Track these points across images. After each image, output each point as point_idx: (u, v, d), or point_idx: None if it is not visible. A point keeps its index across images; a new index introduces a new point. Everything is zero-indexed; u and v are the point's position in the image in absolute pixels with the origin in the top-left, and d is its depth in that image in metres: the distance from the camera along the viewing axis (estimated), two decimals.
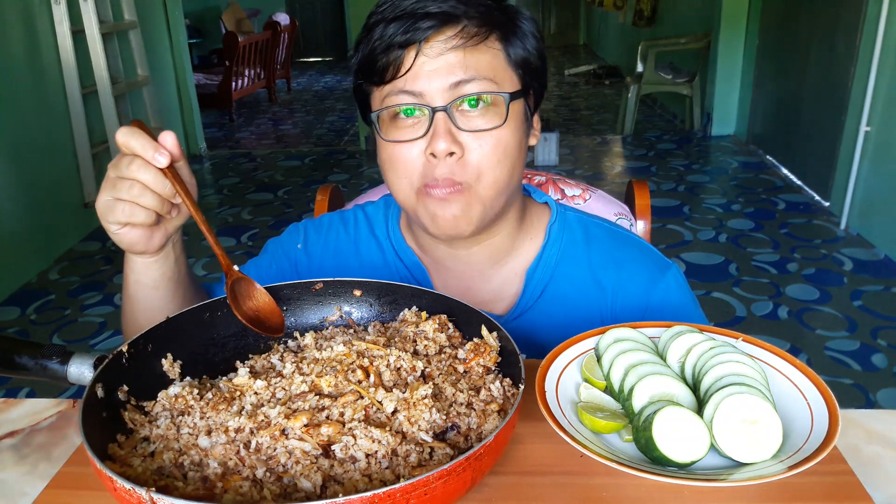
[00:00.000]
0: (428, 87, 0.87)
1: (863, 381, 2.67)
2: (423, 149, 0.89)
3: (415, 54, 0.87)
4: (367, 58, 0.90)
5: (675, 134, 6.32)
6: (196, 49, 8.87)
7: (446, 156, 0.87)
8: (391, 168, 0.92)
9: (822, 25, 4.48)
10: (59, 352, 0.78)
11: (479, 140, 0.89)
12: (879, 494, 0.69)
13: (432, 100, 0.87)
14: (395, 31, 0.87)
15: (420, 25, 0.86)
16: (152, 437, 0.69)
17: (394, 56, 0.87)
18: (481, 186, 0.91)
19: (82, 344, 3.22)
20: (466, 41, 0.87)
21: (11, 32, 3.91)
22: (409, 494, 0.56)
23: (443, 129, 0.87)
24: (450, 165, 0.88)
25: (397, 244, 1.09)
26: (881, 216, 3.76)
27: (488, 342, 0.79)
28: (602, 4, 9.06)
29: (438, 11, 0.87)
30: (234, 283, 0.84)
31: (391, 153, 0.91)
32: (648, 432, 0.67)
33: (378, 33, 0.88)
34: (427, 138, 0.88)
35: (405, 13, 0.87)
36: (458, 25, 0.87)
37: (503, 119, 0.89)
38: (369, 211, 1.14)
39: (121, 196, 0.79)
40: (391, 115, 0.91)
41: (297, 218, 5.07)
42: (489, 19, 0.89)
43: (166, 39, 5.79)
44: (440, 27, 0.87)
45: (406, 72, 0.87)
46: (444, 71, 0.87)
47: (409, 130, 0.90)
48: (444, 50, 0.87)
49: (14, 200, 3.85)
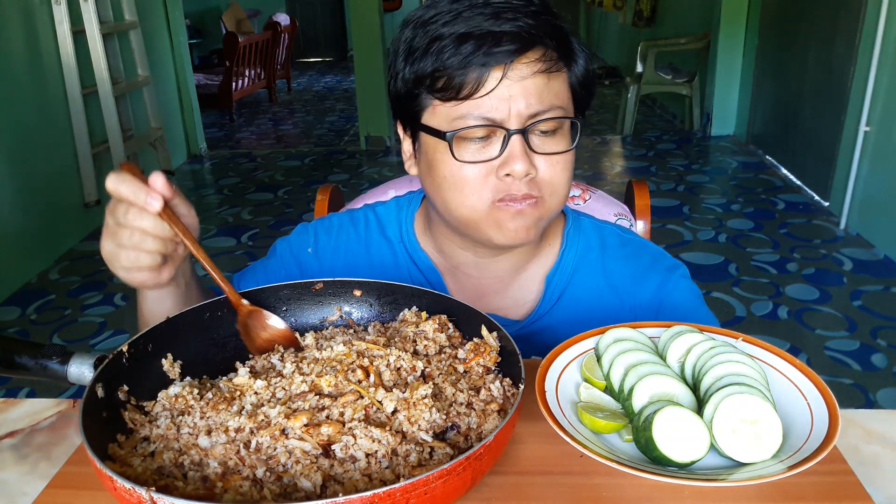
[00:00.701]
0: (507, 111, 0.86)
1: (863, 381, 2.67)
2: (494, 169, 0.89)
3: (500, 77, 0.85)
4: (439, 72, 0.86)
5: (674, 134, 6.32)
6: (196, 49, 8.87)
7: (523, 176, 0.88)
8: (457, 186, 0.90)
9: (822, 25, 4.48)
10: (59, 352, 0.78)
11: (549, 161, 0.90)
12: (879, 494, 0.69)
13: (509, 123, 0.87)
14: (474, 49, 0.84)
15: (505, 47, 0.84)
16: (152, 436, 0.69)
17: (474, 75, 0.85)
18: (553, 200, 0.93)
19: (82, 344, 3.22)
20: (549, 67, 0.87)
21: (12, 32, 3.91)
22: (409, 494, 0.56)
23: (520, 151, 0.87)
24: (525, 184, 0.89)
25: (411, 247, 1.08)
26: (881, 216, 3.76)
27: (488, 342, 0.79)
28: (602, 5, 9.06)
29: (517, 32, 0.85)
30: (247, 318, 0.84)
31: (458, 172, 0.89)
32: (648, 432, 0.67)
33: (450, 49, 0.85)
34: (501, 159, 0.88)
35: (481, 30, 0.84)
36: (540, 49, 0.87)
37: (571, 143, 0.92)
38: (380, 212, 1.13)
39: (122, 244, 0.79)
40: (461, 136, 0.89)
41: (298, 218, 5.01)
42: (561, 42, 0.89)
43: (167, 39, 5.79)
44: (524, 51, 0.85)
45: (486, 93, 0.86)
46: (524, 96, 0.86)
47: (480, 150, 0.89)
48: (527, 74, 0.86)
49: (14, 200, 3.85)
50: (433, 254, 1.08)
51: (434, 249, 1.08)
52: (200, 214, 0.85)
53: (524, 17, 0.86)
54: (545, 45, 0.87)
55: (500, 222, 0.91)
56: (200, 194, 5.40)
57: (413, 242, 1.08)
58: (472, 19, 0.85)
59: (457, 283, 1.07)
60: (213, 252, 4.15)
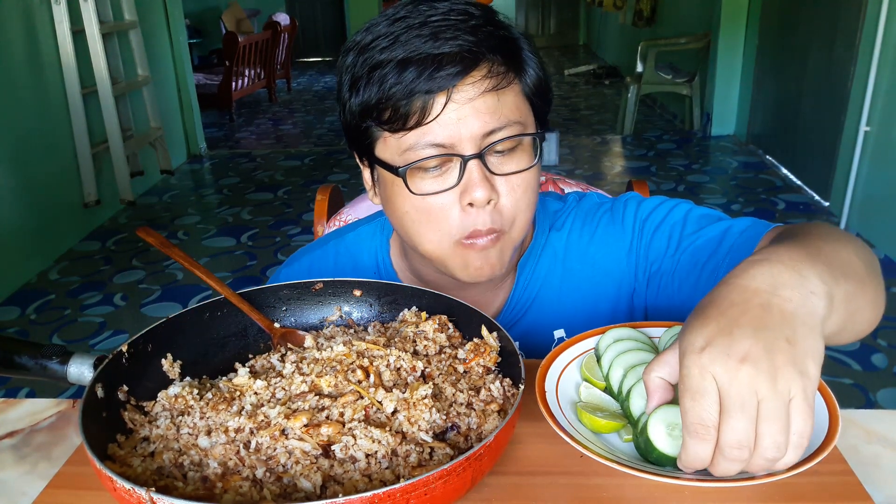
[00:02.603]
0: (458, 135, 0.81)
1: (863, 381, 2.67)
2: (456, 198, 0.84)
3: (444, 102, 0.80)
4: (382, 103, 0.82)
5: (674, 134, 6.32)
6: (196, 49, 8.87)
7: (485, 203, 0.84)
8: (421, 221, 0.86)
9: (822, 25, 4.48)
10: (58, 352, 0.78)
11: (510, 183, 0.86)
12: (879, 494, 0.69)
13: (463, 148, 0.82)
14: (416, 75, 0.79)
15: (447, 71, 0.79)
16: (152, 437, 0.69)
17: (419, 104, 0.80)
18: (515, 230, 0.89)
19: (82, 344, 3.22)
20: (497, 84, 0.82)
21: (11, 32, 3.91)
22: (409, 494, 0.56)
23: (479, 177, 0.83)
24: (489, 213, 0.85)
25: (387, 276, 1.05)
26: (881, 216, 3.76)
27: (488, 342, 0.79)
28: (602, 5, 9.06)
29: (458, 52, 0.80)
30: (279, 339, 0.84)
31: (420, 206, 0.85)
32: (645, 434, 0.67)
33: (392, 77, 0.80)
34: (461, 187, 0.83)
35: (421, 55, 0.79)
36: (485, 66, 0.82)
37: (533, 159, 0.87)
38: (349, 241, 1.09)
39: None
40: (415, 167, 0.84)
41: (297, 218, 4.99)
42: (508, 54, 0.84)
43: (166, 39, 5.79)
44: (468, 71, 0.80)
45: (433, 119, 0.81)
46: (474, 118, 0.81)
47: (437, 181, 0.84)
48: (474, 95, 0.81)
49: (14, 200, 3.85)
50: (410, 281, 1.03)
51: (412, 275, 1.04)
52: (200, 214, 0.86)
53: (464, 34, 0.81)
54: (490, 60, 0.82)
55: (466, 260, 0.88)
56: (200, 194, 5.40)
57: (390, 271, 1.05)
58: (410, 43, 0.80)
59: None
60: (212, 252, 4.16)
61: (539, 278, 1.02)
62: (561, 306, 1.02)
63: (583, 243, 1.03)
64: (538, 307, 1.02)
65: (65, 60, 4.25)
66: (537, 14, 12.22)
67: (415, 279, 1.04)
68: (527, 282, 1.02)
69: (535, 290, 1.02)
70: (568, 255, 1.03)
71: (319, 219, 1.42)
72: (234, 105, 7.66)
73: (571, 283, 1.02)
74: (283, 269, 1.12)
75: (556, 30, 12.36)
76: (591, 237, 1.03)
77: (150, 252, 4.14)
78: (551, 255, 1.03)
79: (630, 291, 1.02)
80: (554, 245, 1.03)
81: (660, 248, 0.98)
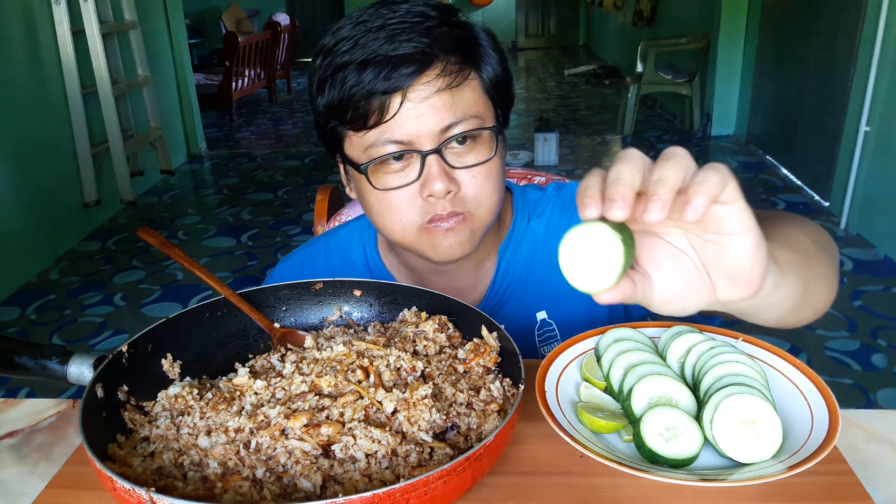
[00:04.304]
0: (416, 132, 0.86)
1: (863, 381, 2.67)
2: (418, 191, 0.89)
3: (400, 101, 0.85)
4: (344, 103, 0.87)
5: (674, 134, 6.32)
6: (196, 49, 8.87)
7: (445, 195, 0.88)
8: (384, 213, 0.91)
9: (822, 25, 4.48)
10: (59, 352, 0.78)
11: (471, 174, 0.90)
12: (879, 494, 0.69)
13: (422, 144, 0.87)
14: (374, 76, 0.84)
15: (402, 71, 0.84)
16: (152, 437, 0.69)
17: (377, 103, 0.85)
18: (481, 211, 0.92)
19: (82, 344, 3.22)
20: (451, 82, 0.86)
21: (11, 32, 3.91)
22: (409, 494, 0.56)
23: (437, 171, 0.87)
24: (450, 201, 0.89)
25: (376, 269, 1.09)
26: (881, 216, 3.76)
27: (488, 342, 0.79)
28: (602, 5, 9.06)
29: (415, 52, 0.84)
30: (279, 340, 0.85)
31: (383, 199, 0.90)
32: (640, 435, 0.68)
33: (352, 78, 0.85)
34: (421, 181, 0.88)
35: (378, 57, 0.84)
36: (439, 65, 0.86)
37: (493, 151, 0.91)
38: (340, 238, 1.14)
39: None
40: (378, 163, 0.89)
41: (298, 218, 4.99)
42: (464, 52, 0.88)
43: (166, 39, 5.79)
44: (422, 70, 0.85)
45: (391, 118, 0.86)
46: (431, 115, 0.86)
47: (399, 176, 0.89)
48: (429, 93, 0.85)
49: (14, 200, 3.85)
50: (398, 272, 1.08)
51: (400, 265, 1.08)
52: (200, 214, 0.86)
53: (419, 35, 0.85)
54: (444, 60, 0.86)
55: (433, 242, 0.91)
56: (200, 194, 5.40)
57: (379, 264, 1.09)
58: (368, 45, 0.85)
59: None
60: (213, 252, 4.16)
61: (520, 262, 1.06)
62: (543, 289, 1.05)
63: (562, 227, 1.06)
64: (521, 290, 1.06)
65: (65, 60, 4.25)
66: (537, 14, 12.22)
67: (402, 268, 1.08)
68: (508, 266, 1.05)
69: (516, 274, 1.06)
70: (548, 239, 1.06)
71: (319, 219, 1.42)
72: (234, 105, 7.66)
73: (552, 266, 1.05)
74: (277, 268, 1.16)
75: (556, 30, 12.36)
76: (570, 222, 1.06)
77: (151, 252, 4.14)
78: (531, 241, 1.06)
79: None
80: (535, 231, 1.07)
81: None
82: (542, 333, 1.06)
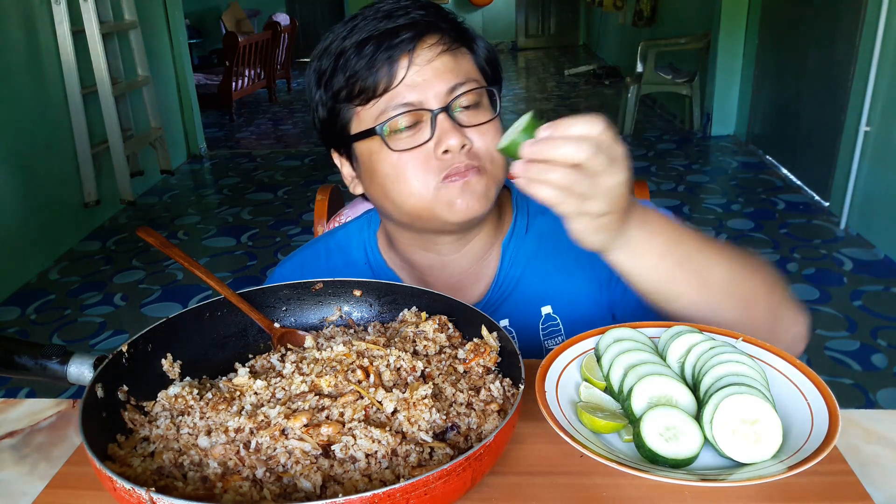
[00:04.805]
0: (425, 94, 0.90)
1: (863, 381, 2.67)
2: (432, 151, 0.91)
3: (407, 65, 0.89)
4: (352, 80, 0.91)
5: (674, 134, 6.32)
6: (196, 49, 8.87)
7: (460, 149, 0.90)
8: (400, 179, 0.92)
9: (822, 25, 4.48)
10: (58, 352, 0.78)
11: (480, 131, 0.93)
12: (879, 494, 0.69)
13: (430, 105, 0.90)
14: (377, 47, 0.89)
15: (403, 36, 0.89)
16: (152, 437, 0.69)
17: (385, 71, 0.89)
18: (495, 167, 0.95)
19: (82, 344, 3.22)
20: (451, 45, 0.92)
21: (11, 33, 3.91)
22: (409, 494, 0.56)
23: (449, 127, 0.90)
24: (465, 155, 0.91)
25: (377, 266, 1.09)
26: (881, 216, 3.76)
27: (488, 342, 0.79)
28: (602, 5, 9.05)
29: (412, 22, 0.90)
30: (279, 339, 0.85)
31: (398, 164, 0.91)
32: (639, 435, 0.68)
33: (354, 56, 0.90)
34: (434, 141, 0.90)
35: (378, 32, 0.89)
36: (438, 33, 0.91)
37: (495, 111, 0.96)
38: (339, 238, 1.15)
39: None
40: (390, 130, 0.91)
41: (298, 218, 4.98)
42: (457, 29, 0.94)
43: (166, 39, 5.79)
44: (423, 35, 0.90)
45: (399, 83, 0.89)
46: (436, 77, 0.90)
47: (411, 138, 0.91)
48: (432, 57, 0.90)
49: (14, 200, 3.85)
50: (399, 269, 1.09)
51: (401, 262, 1.09)
52: (200, 214, 0.86)
53: (414, 10, 0.92)
54: (440, 29, 0.92)
55: (450, 201, 0.92)
56: (200, 194, 5.40)
57: (380, 262, 1.10)
58: (366, 27, 0.91)
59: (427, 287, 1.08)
60: (213, 252, 4.16)
61: (524, 256, 1.06)
62: (548, 284, 1.06)
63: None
64: (525, 285, 1.06)
65: (65, 60, 4.25)
66: (537, 14, 12.22)
67: (404, 265, 1.08)
68: (512, 260, 1.06)
69: (520, 268, 1.06)
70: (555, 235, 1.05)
71: (319, 219, 1.42)
72: (234, 105, 7.66)
73: (558, 262, 1.06)
74: (277, 269, 1.16)
75: (556, 30, 12.35)
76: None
77: (151, 252, 4.14)
78: (537, 236, 1.07)
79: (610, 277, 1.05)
80: (540, 226, 1.07)
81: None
82: (547, 328, 1.06)
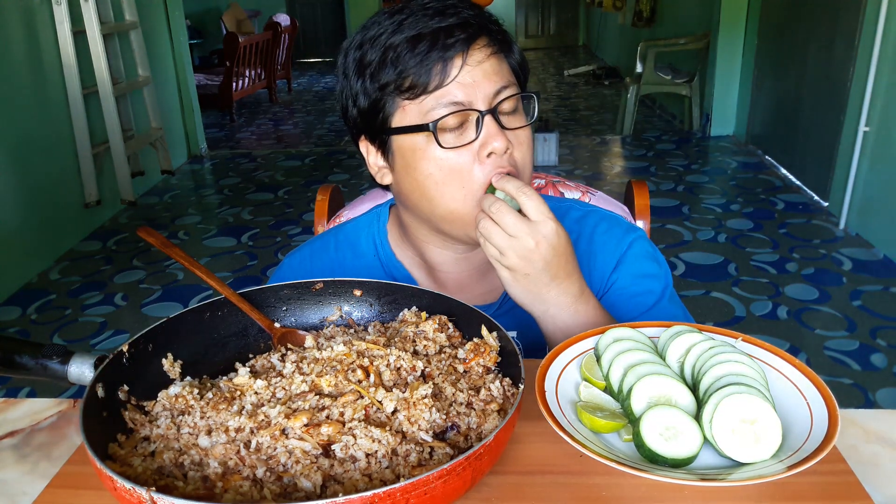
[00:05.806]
0: (474, 94, 0.91)
1: (862, 381, 2.68)
2: (475, 154, 0.92)
3: (460, 64, 0.90)
4: (403, 74, 0.90)
5: (674, 134, 6.32)
6: (197, 50, 8.87)
7: (503, 152, 0.92)
8: (445, 181, 0.93)
9: (822, 26, 4.48)
10: (59, 352, 0.78)
11: (517, 138, 0.95)
12: (879, 494, 0.69)
13: (478, 106, 0.92)
14: (431, 45, 0.89)
15: (458, 37, 0.90)
16: (152, 436, 0.69)
17: (438, 68, 0.90)
18: (525, 176, 0.97)
19: (83, 344, 3.22)
20: (498, 50, 0.94)
21: (12, 33, 3.91)
22: (409, 494, 0.56)
23: (496, 129, 0.92)
24: (506, 160, 0.93)
25: (386, 259, 1.10)
26: (880, 216, 3.76)
27: (488, 342, 0.79)
28: (601, 5, 9.06)
29: (465, 23, 0.91)
30: (279, 339, 0.85)
31: (443, 165, 0.92)
32: (639, 435, 0.68)
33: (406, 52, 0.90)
34: (480, 140, 0.92)
35: (431, 30, 0.90)
36: (488, 35, 0.93)
37: (531, 117, 0.98)
38: (348, 231, 1.15)
39: None
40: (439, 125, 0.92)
41: (298, 218, 4.98)
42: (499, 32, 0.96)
43: (167, 40, 5.79)
44: (475, 37, 0.91)
45: (451, 81, 0.90)
46: (485, 79, 0.91)
47: (457, 139, 0.92)
48: (482, 59, 0.92)
49: (14, 200, 3.85)
50: (410, 263, 1.09)
51: (413, 255, 1.09)
52: (201, 214, 0.86)
53: (465, 10, 0.93)
54: (489, 31, 0.94)
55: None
56: (201, 194, 5.40)
57: (389, 255, 1.10)
58: (417, 23, 0.91)
59: (436, 284, 1.09)
60: (213, 252, 4.16)
61: None
62: None
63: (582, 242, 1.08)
64: None
65: (65, 61, 4.25)
66: (537, 14, 12.22)
67: (416, 259, 1.09)
68: None
69: None
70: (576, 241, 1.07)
71: (320, 219, 1.42)
72: (235, 105, 7.66)
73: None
74: (285, 261, 1.17)
75: (556, 30, 12.36)
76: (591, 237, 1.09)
77: (151, 252, 4.14)
78: None
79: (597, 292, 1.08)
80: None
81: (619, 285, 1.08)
82: None
